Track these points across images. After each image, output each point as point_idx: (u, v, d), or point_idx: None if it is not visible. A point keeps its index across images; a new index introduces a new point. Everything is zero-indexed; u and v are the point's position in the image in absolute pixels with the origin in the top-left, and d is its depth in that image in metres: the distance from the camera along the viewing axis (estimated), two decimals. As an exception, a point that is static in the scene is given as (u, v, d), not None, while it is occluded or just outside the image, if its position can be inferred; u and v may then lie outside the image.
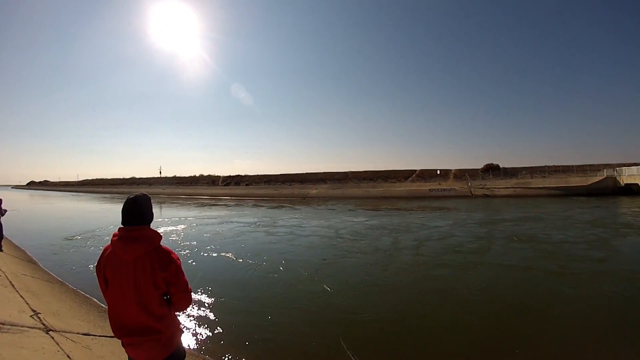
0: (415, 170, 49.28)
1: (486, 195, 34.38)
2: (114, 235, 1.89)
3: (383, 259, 10.04)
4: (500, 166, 47.29)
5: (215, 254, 10.86)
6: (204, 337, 5.10)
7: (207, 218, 22.35)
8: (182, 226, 18.40)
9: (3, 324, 4.18)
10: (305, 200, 37.23)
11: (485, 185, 38.21)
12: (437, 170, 47.98)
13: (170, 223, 19.60)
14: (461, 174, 44.64)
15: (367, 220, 18.92)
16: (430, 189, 38.76)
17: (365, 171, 52.08)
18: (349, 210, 25.16)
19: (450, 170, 48.08)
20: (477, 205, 26.86)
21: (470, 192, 35.76)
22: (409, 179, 46.63)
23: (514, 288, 7.47)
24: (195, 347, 4.89)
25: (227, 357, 4.54)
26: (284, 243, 12.76)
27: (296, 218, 21.04)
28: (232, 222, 19.92)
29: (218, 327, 5.38)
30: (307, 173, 55.03)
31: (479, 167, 47.54)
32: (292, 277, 8.10)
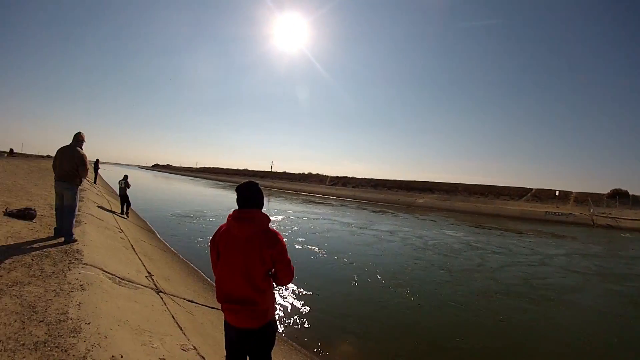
0: (531, 189, 44.76)
1: (610, 226, 28.91)
2: (230, 216, 2.22)
3: (467, 281, 9.16)
4: (630, 193, 39.78)
5: (300, 246, 11.86)
6: (287, 321, 5.75)
7: (308, 213, 23.72)
8: (281, 217, 20.06)
9: (122, 279, 4.54)
10: (410, 208, 36.57)
11: (610, 214, 32.38)
12: (555, 191, 42.33)
13: (273, 213, 21.36)
14: (583, 198, 38.97)
15: (465, 237, 17.61)
16: (546, 212, 34.34)
17: (476, 185, 49.05)
18: (451, 224, 23.44)
19: (571, 192, 41.97)
20: (598, 236, 22.29)
21: (592, 221, 30.50)
22: (524, 197, 42.59)
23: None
24: (280, 329, 5.38)
25: (306, 341, 5.12)
26: (371, 246, 13.07)
27: (394, 224, 20.93)
28: (329, 220, 20.74)
29: (298, 314, 6.04)
30: (415, 181, 55.07)
31: (605, 192, 41.02)
32: (368, 279, 8.43)
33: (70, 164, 5.37)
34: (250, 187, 2.26)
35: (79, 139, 5.63)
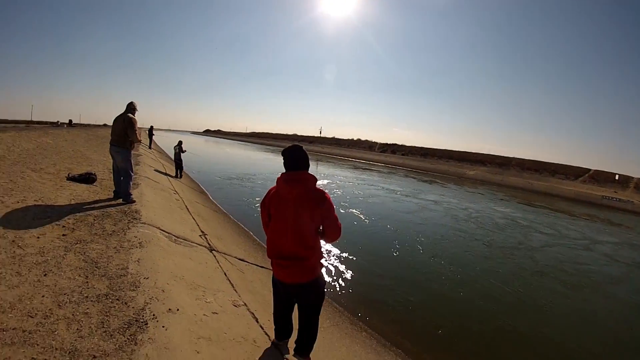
0: (588, 170, 40.38)
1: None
2: (279, 178, 2.37)
3: (506, 258, 8.66)
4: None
5: (344, 210, 12.05)
6: (333, 284, 5.91)
7: (354, 179, 23.79)
8: (327, 181, 20.35)
9: (178, 237, 4.77)
10: (460, 180, 35.04)
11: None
12: (615, 174, 37.56)
13: (320, 177, 21.62)
14: None
15: (513, 213, 16.39)
16: (603, 196, 30.72)
17: (531, 160, 45.53)
18: (500, 199, 21.91)
19: (632, 178, 36.97)
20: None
21: None
22: (580, 178, 38.65)
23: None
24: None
25: (349, 305, 5.25)
26: (414, 215, 12.99)
27: (441, 195, 20.25)
28: (375, 186, 20.61)
29: (341, 277, 6.21)
30: (466, 152, 52.62)
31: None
32: (408, 247, 8.48)
33: (120, 128, 5.64)
34: (296, 150, 2.40)
35: (130, 107, 5.94)
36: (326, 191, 2.40)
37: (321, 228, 2.42)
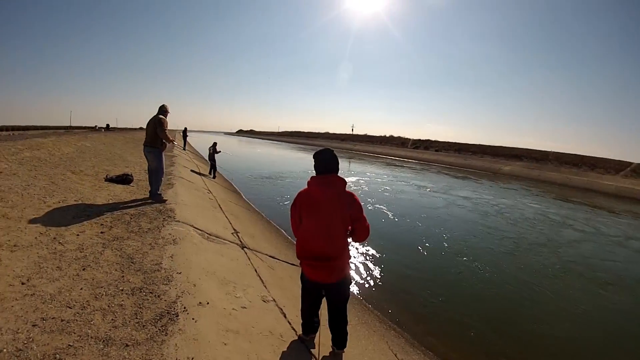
0: (630, 163, 37.09)
1: None
2: (310, 181, 2.53)
3: (538, 257, 8.11)
4: None
5: (371, 207, 12.11)
6: (360, 281, 5.96)
7: (386, 176, 23.52)
8: (358, 178, 20.35)
9: (210, 235, 4.94)
10: (495, 175, 33.69)
11: None
12: None
13: (351, 175, 21.82)
14: None
15: (547, 209, 15.42)
16: None
17: (569, 154, 42.84)
18: (535, 195, 20.65)
19: None
20: None
21: None
22: (621, 172, 35.60)
23: None
24: (355, 289, 5.59)
25: (376, 303, 5.22)
26: (442, 211, 12.81)
27: (473, 191, 19.50)
28: (405, 182, 20.31)
29: (368, 274, 6.24)
30: (501, 146, 50.35)
31: None
32: (436, 245, 8.38)
33: (152, 129, 5.91)
34: (327, 154, 2.55)
35: (162, 109, 6.22)
36: (355, 193, 2.53)
37: (350, 229, 2.52)
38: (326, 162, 2.53)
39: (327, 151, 2.58)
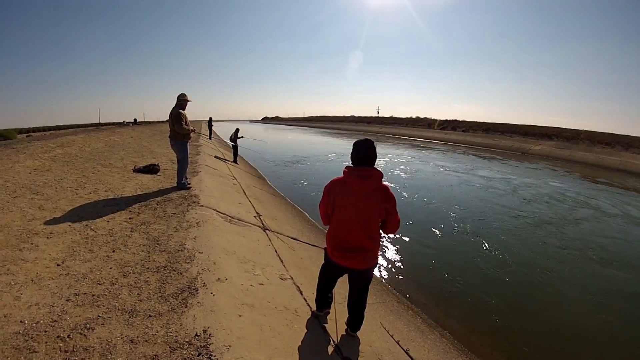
0: None
1: None
2: (346, 172, 2.48)
3: (556, 237, 7.85)
4: None
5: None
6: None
7: (409, 157, 23.22)
8: (383, 160, 20.10)
9: (233, 218, 5.12)
10: (524, 156, 32.35)
11: None
12: None
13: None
14: None
15: (569, 189, 14.69)
16: None
17: (601, 132, 39.86)
18: (562, 175, 19.58)
19: None
20: None
21: None
22: None
23: None
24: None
25: (395, 283, 5.27)
26: (460, 189, 12.75)
27: (497, 170, 18.97)
28: (429, 163, 20.03)
29: (386, 254, 6.27)
30: (531, 125, 47.74)
31: None
32: (454, 225, 8.32)
33: (171, 123, 6.03)
34: (369, 146, 2.48)
35: (180, 99, 6.11)
36: (389, 187, 2.54)
37: (381, 221, 2.56)
38: (368, 154, 2.48)
39: (368, 142, 2.51)
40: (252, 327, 2.42)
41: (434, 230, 7.86)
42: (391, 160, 20.64)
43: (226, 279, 2.97)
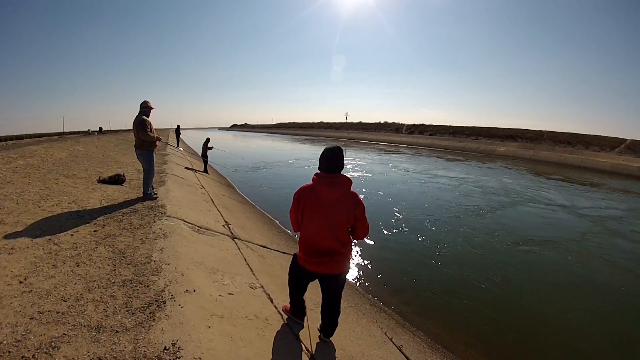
0: (624, 140, 37.33)
1: None
2: (316, 179, 2.50)
3: (497, 235, 8.32)
4: None
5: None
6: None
7: (370, 160, 24.11)
8: (350, 165, 20.23)
9: (201, 227, 5.07)
10: (489, 157, 34.19)
11: None
12: None
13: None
14: None
15: (512, 184, 16.11)
16: None
17: (563, 132, 42.68)
18: (514, 172, 21.25)
19: None
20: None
21: None
22: (616, 149, 35.84)
23: None
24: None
25: (368, 286, 5.39)
26: (409, 187, 13.70)
27: (453, 170, 20.27)
28: (391, 166, 20.90)
29: (357, 258, 6.45)
30: (496, 127, 50.29)
31: None
32: (416, 225, 8.63)
33: (136, 132, 5.84)
34: (337, 153, 2.52)
35: (143, 106, 5.93)
36: (358, 193, 2.58)
37: (351, 227, 2.60)
38: (337, 161, 2.51)
39: (336, 149, 2.54)
40: (222, 338, 2.43)
41: (398, 230, 8.10)
42: (357, 164, 21.03)
43: (194, 290, 2.96)
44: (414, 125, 61.71)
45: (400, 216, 9.32)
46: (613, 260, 6.85)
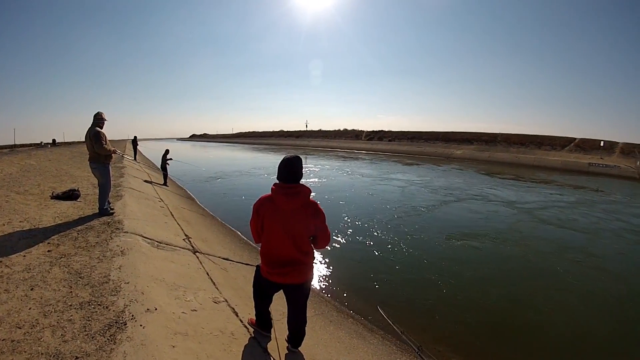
0: (574, 139, 41.40)
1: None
2: (274, 190, 2.46)
3: (435, 229, 9.21)
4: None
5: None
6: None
7: (328, 167, 24.67)
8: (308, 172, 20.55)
9: (160, 243, 4.98)
10: (447, 160, 36.06)
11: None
12: (600, 141, 38.63)
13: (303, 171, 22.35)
14: (630, 150, 34.96)
15: (460, 184, 17.41)
16: (589, 163, 31.61)
17: (516, 134, 46.25)
18: (478, 172, 23.13)
19: (617, 143, 37.97)
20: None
21: (639, 175, 27.29)
22: (566, 148, 39.63)
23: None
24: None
25: (333, 293, 5.47)
26: (362, 191, 14.40)
27: (406, 174, 21.33)
28: (346, 172, 21.66)
29: (321, 265, 6.56)
30: (452, 132, 52.90)
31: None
32: (375, 228, 8.99)
33: (90, 145, 5.63)
34: (295, 163, 2.48)
35: (97, 117, 5.71)
36: (318, 202, 2.56)
37: (312, 237, 2.58)
38: (294, 171, 2.47)
39: (294, 158, 2.49)
40: (187, 356, 2.43)
41: (353, 234, 8.35)
42: (316, 171, 21.28)
43: (156, 309, 2.93)
44: (373, 132, 63.17)
45: (353, 220, 9.66)
46: (552, 245, 7.90)
